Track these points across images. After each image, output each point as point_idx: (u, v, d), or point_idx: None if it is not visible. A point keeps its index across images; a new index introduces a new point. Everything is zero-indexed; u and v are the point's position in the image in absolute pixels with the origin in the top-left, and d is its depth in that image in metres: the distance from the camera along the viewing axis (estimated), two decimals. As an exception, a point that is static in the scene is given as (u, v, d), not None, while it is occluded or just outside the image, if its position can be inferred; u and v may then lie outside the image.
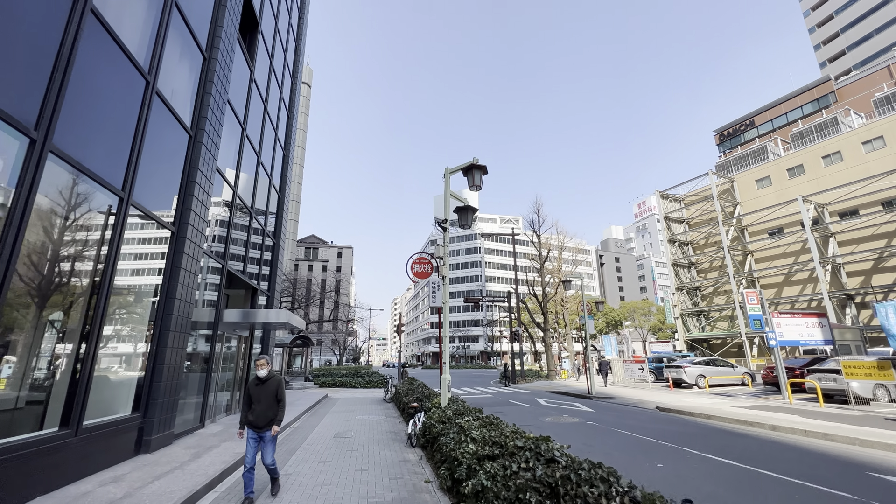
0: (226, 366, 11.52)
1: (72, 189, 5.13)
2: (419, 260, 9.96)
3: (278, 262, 15.50)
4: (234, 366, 12.06)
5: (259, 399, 5.09)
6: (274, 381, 5.28)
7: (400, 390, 14.95)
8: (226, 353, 11.52)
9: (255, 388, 5.16)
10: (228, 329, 10.93)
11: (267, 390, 5.15)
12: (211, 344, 9.68)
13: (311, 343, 28.05)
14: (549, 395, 20.04)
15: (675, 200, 54.88)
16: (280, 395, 5.25)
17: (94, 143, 5.48)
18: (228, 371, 11.78)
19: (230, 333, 11.39)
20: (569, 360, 36.68)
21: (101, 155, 5.57)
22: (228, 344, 11.85)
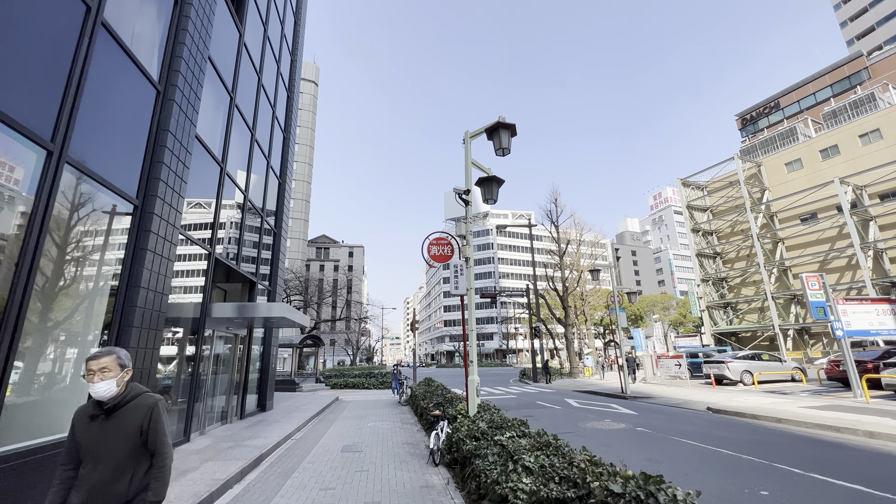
0: (220, 368, 10.16)
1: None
2: (437, 241, 8.43)
3: (280, 255, 14.13)
4: (231, 368, 10.69)
5: (97, 452, 2.25)
6: (137, 408, 2.36)
7: (416, 392, 13.47)
8: (219, 354, 10.15)
9: (87, 428, 2.31)
10: (219, 326, 9.56)
11: (118, 431, 2.29)
12: (197, 343, 8.29)
13: (322, 343, 26.80)
14: (579, 395, 18.37)
15: (698, 188, 52.48)
16: (155, 441, 2.35)
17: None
18: (224, 374, 10.42)
19: (223, 331, 10.02)
20: (591, 356, 34.85)
21: (16, 87, 4.14)
22: (224, 344, 10.49)
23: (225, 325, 9.88)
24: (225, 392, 10.30)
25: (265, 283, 13.06)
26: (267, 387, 12.83)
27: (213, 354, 9.48)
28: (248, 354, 11.44)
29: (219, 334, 9.74)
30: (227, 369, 10.53)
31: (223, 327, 9.82)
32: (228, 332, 10.25)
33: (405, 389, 16.75)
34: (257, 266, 11.97)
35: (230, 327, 10.18)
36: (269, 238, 13.25)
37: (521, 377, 31.28)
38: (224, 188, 9.38)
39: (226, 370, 10.45)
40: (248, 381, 11.30)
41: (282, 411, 12.89)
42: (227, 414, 10.27)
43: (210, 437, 8.52)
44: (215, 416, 9.64)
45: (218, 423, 9.81)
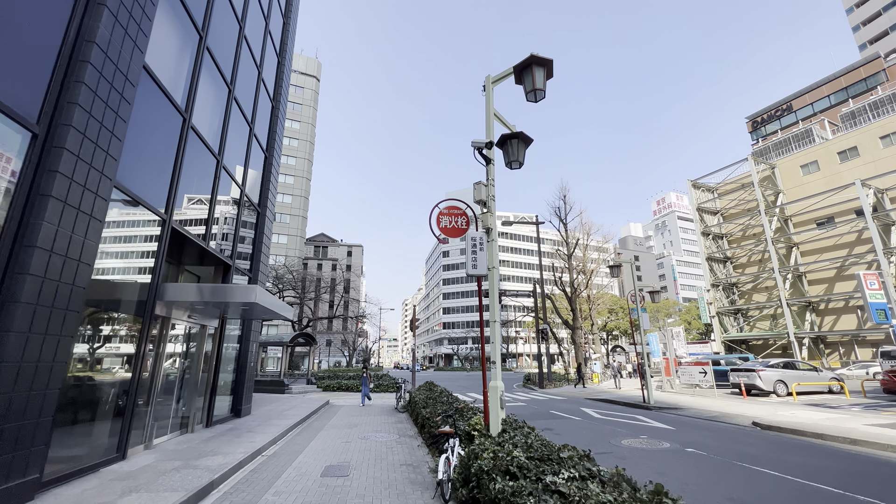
0: (180, 366, 8.38)
1: None
2: (449, 210, 6.70)
3: (265, 237, 12.38)
4: (195, 366, 8.91)
5: None
6: None
7: (416, 398, 11.69)
8: (179, 349, 8.38)
9: None
10: (177, 313, 7.79)
11: None
12: (141, 333, 6.51)
13: (315, 342, 25.01)
14: (595, 404, 16.59)
15: (708, 190, 50.90)
16: None
17: None
18: (187, 373, 8.64)
19: (184, 320, 8.25)
20: (599, 362, 33.11)
21: None
22: (187, 337, 8.72)
23: (185, 313, 8.11)
24: (187, 395, 8.52)
25: (245, 267, 11.30)
26: (243, 389, 11.05)
27: (169, 348, 7.71)
28: (219, 350, 9.66)
29: (177, 324, 7.98)
30: (190, 367, 8.75)
31: (182, 315, 8.05)
32: (191, 321, 8.47)
33: (403, 394, 14.96)
34: (234, 246, 10.21)
35: (193, 316, 8.41)
36: (250, 216, 11.50)
37: (526, 382, 29.48)
38: (187, 146, 7.64)
39: (189, 368, 8.67)
40: (217, 382, 9.52)
41: (260, 417, 11.10)
42: (189, 421, 8.48)
43: (157, 452, 6.73)
44: (171, 425, 7.86)
45: (175, 432, 8.02)
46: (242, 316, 9.97)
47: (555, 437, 9.17)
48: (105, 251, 5.68)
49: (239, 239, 10.54)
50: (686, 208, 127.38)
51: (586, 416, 12.94)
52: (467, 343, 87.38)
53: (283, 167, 74.23)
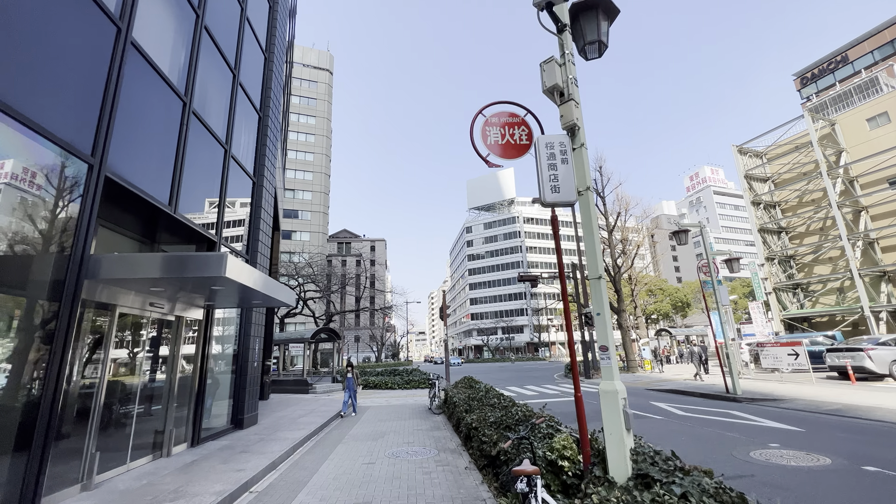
0: (145, 368, 6.38)
1: None
2: (501, 119, 4.31)
3: (262, 212, 10.33)
4: (171, 368, 6.90)
5: None
6: None
7: (454, 398, 9.45)
8: (140, 346, 6.37)
9: None
10: (129, 298, 5.74)
11: None
12: (58, 326, 4.45)
13: (339, 337, 23.21)
14: (665, 397, 13.96)
15: (756, 156, 46.42)
16: None
17: None
18: (156, 377, 6.65)
19: (146, 309, 6.21)
20: (648, 347, 30.13)
21: None
22: (153, 330, 6.73)
23: (143, 299, 6.07)
24: (159, 407, 6.52)
25: (240, 249, 9.27)
26: (245, 394, 9.06)
27: (120, 348, 5.69)
28: (205, 349, 7.64)
29: (131, 314, 5.94)
30: (163, 370, 6.75)
31: (139, 302, 6.02)
32: (157, 311, 6.44)
33: (438, 392, 12.76)
34: (220, 219, 8.14)
35: (158, 303, 6.37)
36: (242, 186, 9.43)
37: (568, 372, 26.91)
38: (127, 66, 5.53)
39: (160, 374, 6.67)
40: (205, 389, 7.51)
41: (266, 428, 9.10)
42: (165, 442, 6.49)
43: (97, 495, 4.71)
44: (133, 450, 5.86)
45: (142, 458, 6.04)
46: (225, 303, 7.91)
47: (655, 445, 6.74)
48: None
49: (227, 211, 8.47)
50: (722, 182, 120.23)
51: (667, 414, 10.38)
52: (497, 333, 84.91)
53: (301, 163, 73.36)
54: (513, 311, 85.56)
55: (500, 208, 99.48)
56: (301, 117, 76.27)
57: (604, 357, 3.30)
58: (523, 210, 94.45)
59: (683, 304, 62.11)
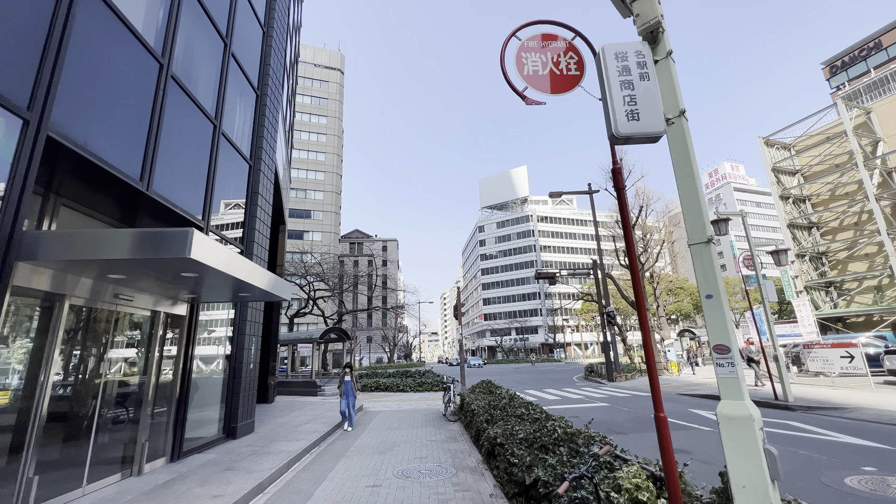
0: (97, 373, 5.44)
1: None
2: (541, 42, 3.23)
3: (260, 199, 9.39)
4: (147, 371, 5.95)
5: None
6: None
7: (473, 405, 8.36)
8: (101, 349, 5.43)
9: None
10: (85, 287, 4.81)
11: None
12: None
13: (349, 337, 22.31)
14: (702, 402, 12.65)
15: (783, 148, 44.31)
16: None
17: None
18: (127, 382, 5.71)
19: (108, 301, 5.27)
20: (673, 349, 28.57)
21: None
22: (122, 326, 5.79)
23: (105, 288, 5.13)
24: (132, 416, 5.58)
25: (234, 237, 8.34)
26: (239, 399, 8.11)
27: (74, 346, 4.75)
28: (188, 349, 6.69)
29: (85, 303, 4.99)
30: (136, 372, 5.81)
31: (100, 292, 5.08)
32: (125, 303, 5.49)
33: (453, 397, 11.68)
34: (208, 203, 7.19)
35: (124, 294, 5.42)
36: (234, 167, 8.49)
37: (589, 374, 25.59)
38: (76, 13, 4.59)
39: (132, 374, 5.73)
40: (188, 394, 6.57)
41: (263, 438, 8.14)
42: (137, 458, 5.54)
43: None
44: (92, 468, 4.91)
45: (110, 478, 5.10)
46: (210, 296, 6.95)
47: (705, 468, 5.58)
48: None
49: (218, 197, 7.53)
50: (743, 178, 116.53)
51: (713, 424, 9.12)
52: (510, 334, 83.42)
53: (313, 163, 73.11)
54: (527, 311, 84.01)
55: (513, 207, 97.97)
56: (312, 117, 76.09)
57: (724, 362, 2.21)
58: (537, 209, 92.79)
59: (705, 304, 59.73)
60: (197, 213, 6.95)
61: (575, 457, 3.82)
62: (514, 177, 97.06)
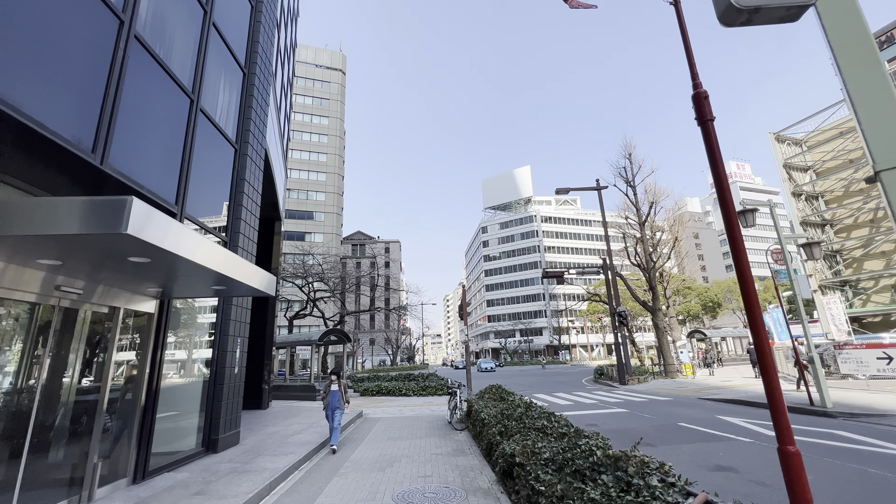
0: (30, 381, 4.56)
1: None
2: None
3: (247, 185, 8.54)
4: (102, 376, 5.08)
5: None
6: None
7: (483, 416, 7.45)
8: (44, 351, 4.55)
9: None
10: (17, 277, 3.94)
11: None
12: None
13: (349, 339, 21.45)
14: (729, 408, 11.69)
15: (795, 143, 43.33)
16: None
17: None
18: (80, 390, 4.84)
19: (40, 292, 4.41)
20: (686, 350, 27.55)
21: None
22: (66, 325, 4.92)
23: (28, 274, 4.25)
24: (82, 430, 4.71)
25: (215, 226, 7.48)
26: (221, 408, 7.23)
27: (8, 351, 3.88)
28: (156, 350, 5.82)
29: (9, 297, 4.11)
30: (88, 378, 4.94)
31: (24, 278, 4.20)
32: (67, 296, 4.61)
33: (459, 403, 10.78)
34: (183, 185, 6.34)
35: (66, 287, 4.53)
36: (215, 148, 7.63)
37: (599, 377, 24.59)
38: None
39: (82, 380, 4.86)
40: (155, 403, 5.70)
41: (248, 451, 7.25)
42: (87, 480, 4.66)
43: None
44: (25, 496, 4.03)
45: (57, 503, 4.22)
46: (180, 290, 6.08)
47: (764, 492, 4.66)
48: None
49: (191, 177, 6.67)
50: (749, 177, 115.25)
51: (751, 434, 8.17)
52: (514, 336, 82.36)
53: (314, 164, 72.51)
54: (531, 312, 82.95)
55: (516, 207, 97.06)
56: (314, 118, 75.56)
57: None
58: (540, 209, 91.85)
59: (714, 305, 58.65)
60: (168, 196, 6.10)
61: (627, 491, 2.91)
62: (517, 177, 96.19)
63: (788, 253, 11.96)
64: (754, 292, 2.40)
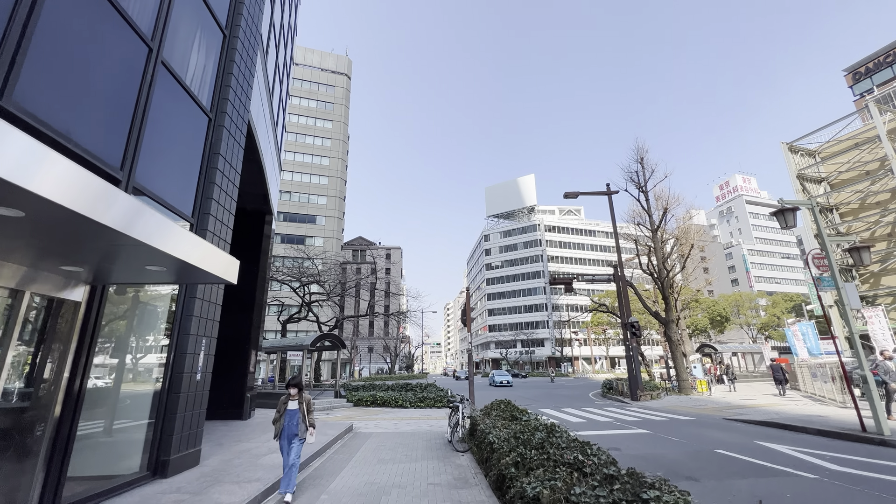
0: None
1: None
2: None
3: (222, 161, 7.38)
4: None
5: None
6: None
7: (490, 434, 6.19)
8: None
9: None
10: None
11: None
12: None
13: (344, 345, 20.16)
14: (766, 432, 10.32)
15: (808, 154, 42.26)
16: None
17: None
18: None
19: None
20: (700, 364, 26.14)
21: None
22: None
23: None
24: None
25: (178, 204, 6.29)
26: (175, 422, 5.96)
27: None
28: (80, 350, 4.60)
29: None
30: None
31: None
32: None
33: (462, 420, 9.46)
34: (132, 146, 5.17)
35: None
36: (181, 113, 6.48)
37: (607, 391, 23.17)
38: None
39: None
40: (76, 417, 4.45)
41: (205, 476, 5.96)
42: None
43: None
44: None
45: None
46: (112, 273, 4.87)
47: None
48: None
49: (145, 140, 5.49)
50: (755, 191, 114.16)
51: (810, 468, 6.84)
52: (516, 346, 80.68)
53: (317, 167, 71.77)
54: (533, 323, 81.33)
55: (520, 216, 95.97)
56: (318, 121, 75.06)
57: None
58: (544, 218, 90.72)
59: (722, 319, 57.00)
60: (113, 160, 4.92)
61: None
62: (521, 185, 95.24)
63: (834, 260, 10.71)
64: None
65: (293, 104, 73.28)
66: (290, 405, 5.65)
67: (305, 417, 5.68)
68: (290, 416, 5.58)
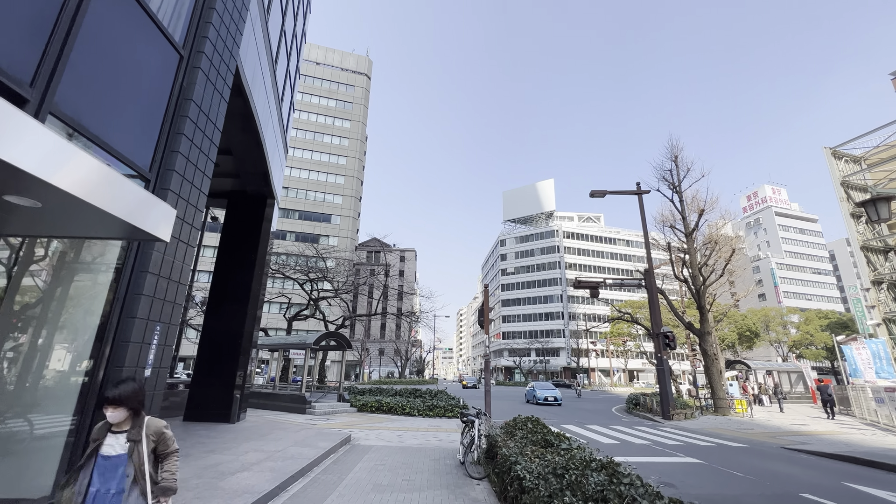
0: None
1: None
2: None
3: (194, 111, 6.03)
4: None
5: None
6: None
7: (522, 473, 4.58)
8: None
9: None
10: None
11: None
12: None
13: (349, 346, 18.76)
14: (844, 469, 8.42)
15: (853, 161, 39.58)
16: None
17: None
18: None
19: None
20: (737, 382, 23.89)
21: None
22: None
23: None
24: None
25: (122, 147, 4.93)
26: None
27: None
28: None
29: None
30: None
31: None
32: None
33: (478, 437, 7.84)
34: (51, 63, 3.83)
35: None
36: (138, 38, 5.15)
37: (633, 408, 21.15)
38: None
39: None
40: None
41: None
42: None
43: None
44: None
45: None
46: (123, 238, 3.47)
47: None
48: None
49: (71, 56, 4.14)
50: (785, 203, 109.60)
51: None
52: (530, 355, 78.34)
53: (334, 166, 71.25)
54: (548, 331, 78.88)
55: (537, 221, 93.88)
56: (336, 120, 74.71)
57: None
58: (563, 224, 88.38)
59: (752, 335, 53.78)
60: (22, 73, 3.56)
61: None
62: (540, 190, 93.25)
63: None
64: None
65: (312, 103, 73.19)
66: (107, 446, 2.52)
67: (146, 475, 2.50)
68: (103, 473, 2.45)
